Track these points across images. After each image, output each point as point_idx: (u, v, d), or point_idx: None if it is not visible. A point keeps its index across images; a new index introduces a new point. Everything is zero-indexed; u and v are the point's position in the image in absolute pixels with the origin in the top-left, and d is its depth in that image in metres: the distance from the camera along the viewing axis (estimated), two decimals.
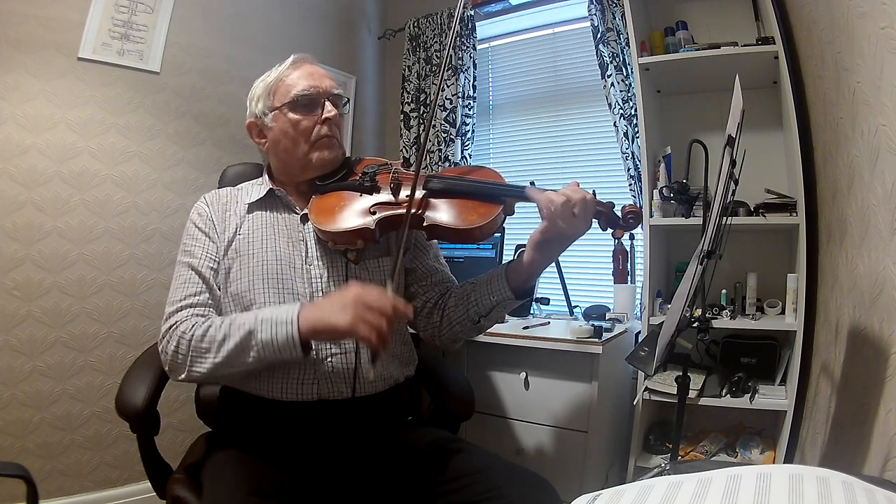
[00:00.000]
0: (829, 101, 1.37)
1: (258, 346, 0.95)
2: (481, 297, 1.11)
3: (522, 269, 1.07)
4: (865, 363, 1.09)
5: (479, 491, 0.96)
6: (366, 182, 1.13)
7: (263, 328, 0.95)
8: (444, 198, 1.10)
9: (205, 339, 0.98)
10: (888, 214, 0.99)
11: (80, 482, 1.82)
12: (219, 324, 0.99)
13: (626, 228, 1.05)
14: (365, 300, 0.91)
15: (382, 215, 1.07)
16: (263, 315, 0.96)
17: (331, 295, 0.96)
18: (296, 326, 0.93)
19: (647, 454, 1.84)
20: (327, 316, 0.92)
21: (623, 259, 2.07)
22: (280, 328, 0.94)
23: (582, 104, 2.42)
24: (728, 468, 0.50)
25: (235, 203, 1.17)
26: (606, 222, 1.04)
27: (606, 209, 1.03)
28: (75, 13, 1.79)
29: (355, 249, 1.09)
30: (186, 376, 1.01)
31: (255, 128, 1.18)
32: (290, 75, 1.14)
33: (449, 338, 1.18)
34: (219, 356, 0.97)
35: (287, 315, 0.95)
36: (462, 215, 1.06)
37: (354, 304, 0.90)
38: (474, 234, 1.06)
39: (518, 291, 1.08)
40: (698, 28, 1.97)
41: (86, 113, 1.83)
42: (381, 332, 0.89)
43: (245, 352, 0.96)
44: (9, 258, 1.70)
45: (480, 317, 1.12)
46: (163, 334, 1.03)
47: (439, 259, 1.26)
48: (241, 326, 0.97)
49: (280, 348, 0.94)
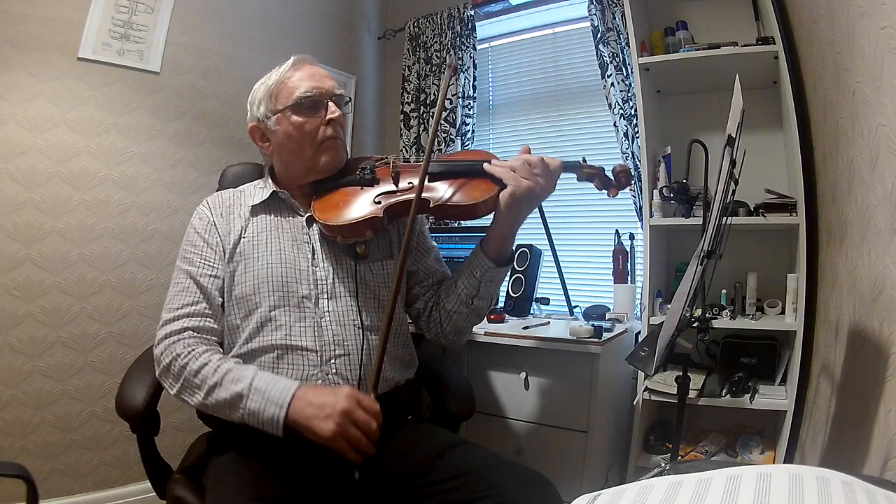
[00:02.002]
0: (829, 101, 1.37)
1: (244, 411, 0.95)
2: (467, 278, 1.17)
3: (494, 236, 1.13)
4: (865, 363, 1.09)
5: (479, 488, 0.96)
6: (366, 176, 1.16)
7: (254, 398, 0.95)
8: (445, 180, 1.14)
9: (198, 375, 0.99)
10: (888, 214, 0.99)
11: (80, 482, 1.82)
12: (215, 366, 0.99)
13: (619, 186, 1.18)
14: (353, 416, 0.91)
15: (389, 202, 1.10)
16: (258, 383, 0.96)
17: (324, 391, 0.95)
18: (284, 412, 0.93)
19: (647, 454, 1.84)
20: (311, 419, 0.92)
21: (623, 259, 2.07)
22: (269, 407, 0.94)
23: (582, 104, 2.42)
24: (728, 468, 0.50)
25: (239, 205, 1.17)
26: (601, 183, 1.18)
27: (597, 171, 1.18)
28: (75, 13, 1.79)
29: (364, 241, 1.11)
30: (175, 395, 1.02)
31: (258, 131, 1.18)
32: (291, 77, 1.14)
33: (452, 330, 1.21)
34: (208, 399, 0.98)
35: (280, 396, 0.94)
36: (465, 192, 1.12)
37: (340, 416, 0.91)
38: (479, 208, 1.10)
39: (497, 259, 1.14)
40: (698, 28, 1.97)
41: (86, 113, 1.83)
42: (361, 447, 0.92)
43: (232, 409, 0.96)
44: (9, 258, 1.70)
45: (472, 297, 1.16)
46: (158, 340, 1.03)
47: (440, 261, 1.29)
48: (235, 383, 0.96)
49: (263, 423, 0.94)
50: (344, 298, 1.11)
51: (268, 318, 1.06)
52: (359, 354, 1.07)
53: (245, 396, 0.95)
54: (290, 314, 1.07)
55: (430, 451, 1.06)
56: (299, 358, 1.05)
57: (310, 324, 1.07)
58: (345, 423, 0.91)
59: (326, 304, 1.09)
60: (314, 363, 1.05)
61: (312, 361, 1.05)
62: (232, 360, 1.02)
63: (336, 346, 1.06)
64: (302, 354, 1.05)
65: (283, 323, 1.06)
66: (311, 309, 1.08)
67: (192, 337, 1.03)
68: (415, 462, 1.05)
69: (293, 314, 1.07)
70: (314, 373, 1.05)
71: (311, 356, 1.05)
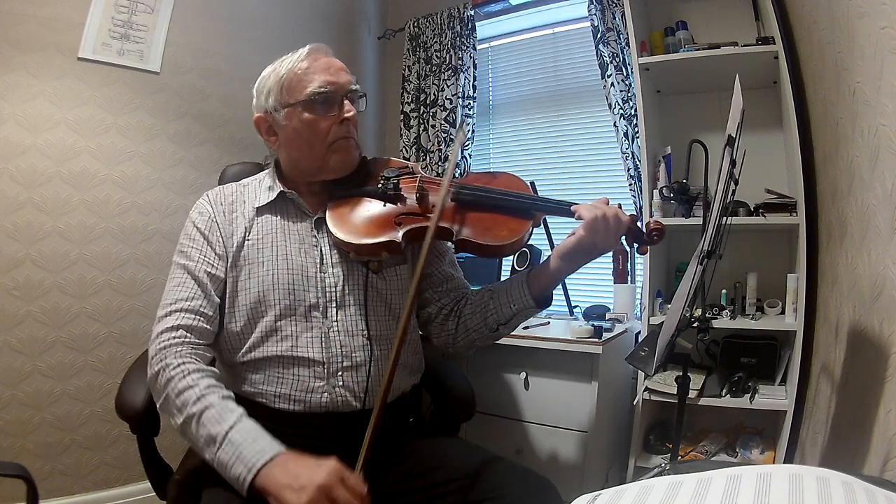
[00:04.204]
0: (829, 101, 1.37)
1: (213, 458, 0.87)
2: (500, 304, 1.08)
3: (544, 277, 1.05)
4: (865, 363, 1.09)
5: (481, 491, 0.95)
6: (389, 189, 1.07)
7: (225, 450, 0.86)
8: (474, 210, 1.05)
9: (180, 397, 0.91)
10: (888, 214, 0.99)
11: (80, 482, 1.82)
12: (199, 394, 0.91)
13: (651, 244, 1.04)
14: (333, 493, 0.80)
15: (410, 227, 1.03)
16: (235, 435, 0.87)
17: (307, 462, 0.84)
18: (252, 476, 0.83)
19: (647, 454, 1.84)
20: (283, 489, 0.81)
21: (623, 259, 2.07)
22: (237, 465, 0.84)
23: (582, 104, 2.42)
24: (728, 468, 0.50)
25: (242, 203, 1.10)
26: (633, 238, 1.03)
27: (632, 223, 1.01)
28: (75, 13, 1.79)
29: (378, 260, 1.05)
30: (159, 409, 0.97)
31: (265, 123, 1.09)
32: (305, 69, 1.05)
33: (464, 345, 1.16)
34: (185, 428, 0.91)
35: (252, 459, 0.84)
36: (493, 230, 1.03)
37: (318, 491, 0.79)
38: (504, 250, 1.04)
39: (539, 299, 1.06)
40: (698, 28, 1.97)
41: (86, 113, 1.83)
42: None
43: (204, 448, 0.89)
44: (9, 258, 1.70)
45: (499, 325, 1.10)
46: (152, 339, 0.99)
47: (455, 265, 1.22)
48: (212, 424, 0.88)
49: (229, 479, 0.86)
50: (353, 307, 1.05)
51: (274, 328, 1.01)
52: (367, 367, 1.03)
53: (217, 444, 0.87)
54: (296, 324, 1.02)
55: (432, 453, 1.05)
56: (305, 370, 1.01)
57: (317, 334, 1.02)
58: (320, 498, 0.79)
59: (335, 313, 1.04)
60: (320, 375, 1.01)
61: (318, 374, 1.01)
62: (220, 393, 0.93)
63: (344, 358, 1.02)
64: (308, 367, 1.01)
65: (289, 333, 1.01)
66: (319, 319, 1.03)
67: (184, 342, 0.97)
68: (415, 464, 1.04)
69: (300, 324, 1.02)
70: (320, 385, 1.01)
71: (317, 368, 1.01)
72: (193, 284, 1.01)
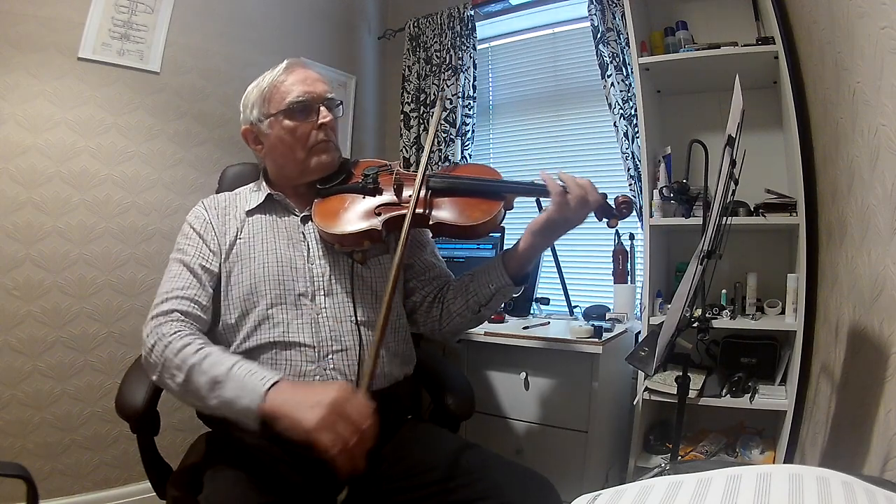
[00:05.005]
0: (829, 101, 1.37)
1: (219, 400, 0.90)
2: (480, 286, 1.16)
3: (519, 255, 1.12)
4: (865, 363, 1.09)
5: (480, 490, 0.96)
6: (368, 184, 1.15)
7: (229, 386, 0.89)
8: (447, 196, 1.13)
9: (179, 355, 0.95)
10: (888, 214, 0.99)
11: (80, 482, 1.82)
12: (196, 347, 0.95)
13: (619, 217, 1.13)
14: (344, 409, 0.84)
15: (388, 216, 1.10)
16: (236, 371, 0.90)
17: (313, 385, 0.89)
18: (257, 403, 0.86)
19: (647, 454, 1.84)
20: (295, 408, 0.84)
21: (623, 259, 2.07)
22: (243, 397, 0.87)
23: (582, 104, 2.42)
24: (728, 468, 0.50)
25: (235, 208, 1.19)
26: (602, 213, 1.11)
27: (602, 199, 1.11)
28: (75, 13, 1.79)
29: (362, 250, 1.11)
30: (158, 380, 0.99)
31: (251, 134, 1.19)
32: (284, 81, 1.15)
33: (450, 330, 1.22)
34: (187, 384, 0.93)
35: (256, 385, 0.87)
36: (466, 212, 1.11)
37: (331, 407, 0.83)
38: (478, 230, 1.11)
39: (516, 278, 1.13)
40: (698, 28, 1.97)
41: (86, 113, 1.83)
42: (347, 448, 0.83)
43: (208, 395, 0.91)
44: (9, 258, 1.70)
45: (480, 306, 1.16)
46: (146, 322, 1.03)
47: (436, 255, 1.30)
48: (214, 367, 0.92)
49: (237, 414, 0.88)
50: (340, 295, 1.11)
51: (266, 316, 1.07)
52: (356, 350, 1.08)
53: (220, 383, 0.89)
54: (287, 311, 1.08)
55: (429, 451, 1.06)
56: (297, 354, 1.06)
57: (307, 320, 1.08)
58: (333, 414, 0.83)
59: (323, 300, 1.10)
60: (311, 359, 1.06)
61: (310, 357, 1.06)
62: (218, 347, 0.99)
63: (333, 342, 1.07)
64: (300, 350, 1.06)
65: (280, 320, 1.07)
66: (308, 305, 1.09)
67: (179, 320, 1.01)
68: (414, 463, 1.05)
69: (290, 311, 1.08)
70: (312, 368, 1.05)
71: (308, 352, 1.06)
72: (189, 275, 1.08)
